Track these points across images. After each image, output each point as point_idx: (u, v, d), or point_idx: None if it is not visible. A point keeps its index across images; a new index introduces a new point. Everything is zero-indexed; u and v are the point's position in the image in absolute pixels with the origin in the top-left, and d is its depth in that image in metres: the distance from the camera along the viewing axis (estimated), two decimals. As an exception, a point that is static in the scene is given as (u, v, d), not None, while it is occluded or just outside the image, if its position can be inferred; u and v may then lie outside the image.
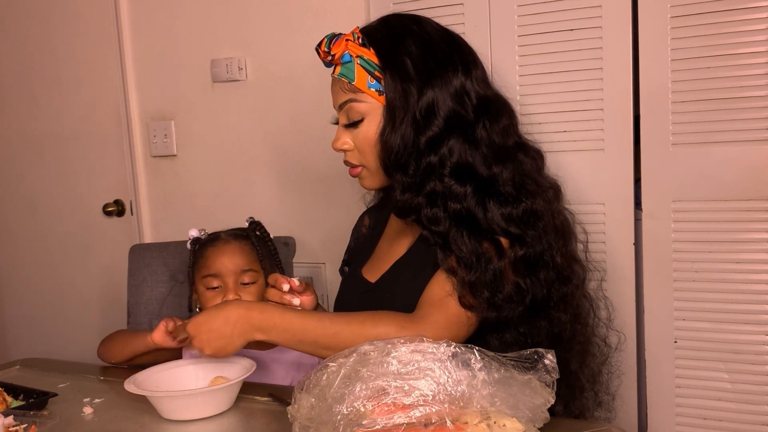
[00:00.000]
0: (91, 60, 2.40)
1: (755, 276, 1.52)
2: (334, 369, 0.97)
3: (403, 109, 1.28)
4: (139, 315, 1.86)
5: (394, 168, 1.30)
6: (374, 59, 1.29)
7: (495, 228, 1.26)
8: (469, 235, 1.25)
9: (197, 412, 1.21)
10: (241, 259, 1.51)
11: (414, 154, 1.28)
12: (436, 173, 1.28)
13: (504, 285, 1.24)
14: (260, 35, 2.11)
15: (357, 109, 1.30)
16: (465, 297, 1.24)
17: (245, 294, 1.49)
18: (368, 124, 1.30)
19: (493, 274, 1.24)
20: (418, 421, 0.91)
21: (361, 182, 1.38)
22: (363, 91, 1.29)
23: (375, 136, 1.30)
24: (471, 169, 1.29)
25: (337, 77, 1.32)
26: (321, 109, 2.04)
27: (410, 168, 1.29)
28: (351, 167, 1.36)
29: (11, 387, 1.35)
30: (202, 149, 2.27)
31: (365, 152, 1.32)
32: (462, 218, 1.26)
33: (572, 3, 1.61)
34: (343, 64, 1.30)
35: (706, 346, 1.58)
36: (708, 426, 1.59)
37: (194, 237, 1.57)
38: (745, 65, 1.48)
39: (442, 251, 1.27)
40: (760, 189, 1.50)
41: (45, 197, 2.59)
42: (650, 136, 1.58)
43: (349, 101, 1.30)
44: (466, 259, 1.24)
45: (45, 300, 2.65)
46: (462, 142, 1.29)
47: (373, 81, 1.28)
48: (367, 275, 1.41)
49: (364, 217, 1.59)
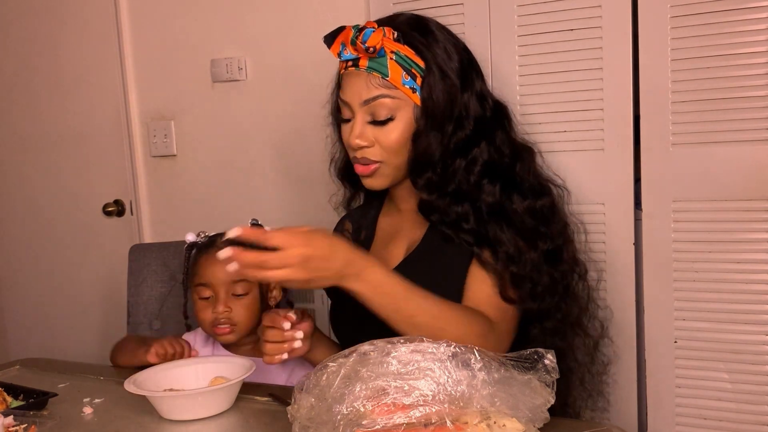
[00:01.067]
0: (91, 60, 2.40)
1: (755, 276, 1.52)
2: (334, 369, 0.97)
3: (447, 111, 1.28)
4: (139, 315, 1.86)
5: (423, 168, 1.30)
6: (412, 56, 1.27)
7: (525, 222, 1.30)
8: (508, 228, 1.28)
9: (197, 413, 1.21)
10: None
11: (448, 155, 1.30)
12: (467, 173, 1.31)
13: (542, 276, 1.28)
14: (260, 35, 2.11)
15: (388, 106, 1.27)
16: (506, 290, 1.27)
17: (237, 306, 1.44)
18: (398, 122, 1.28)
19: (532, 266, 1.27)
20: (418, 421, 0.91)
21: (369, 181, 1.34)
22: (397, 87, 1.26)
23: (403, 135, 1.28)
24: (497, 168, 1.33)
25: (364, 71, 1.27)
26: (321, 109, 2.05)
27: (439, 168, 1.30)
28: (364, 164, 1.32)
29: (11, 387, 1.34)
30: (201, 149, 2.27)
31: (391, 150, 1.29)
32: (496, 213, 1.29)
33: (572, 3, 1.61)
34: (375, 59, 1.26)
35: (706, 346, 1.58)
36: (708, 426, 1.59)
37: (190, 242, 1.52)
38: (745, 65, 1.48)
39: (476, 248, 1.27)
40: (760, 189, 1.50)
41: (45, 197, 2.59)
42: (650, 136, 1.58)
43: (379, 97, 1.27)
44: (508, 252, 1.26)
45: (45, 300, 2.65)
46: (488, 143, 1.33)
47: (408, 78, 1.26)
48: None
49: (345, 222, 1.55)
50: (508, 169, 1.34)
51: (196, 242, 1.52)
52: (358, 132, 1.29)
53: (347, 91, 1.30)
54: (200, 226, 1.70)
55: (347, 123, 1.33)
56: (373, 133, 1.29)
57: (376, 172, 1.32)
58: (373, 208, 1.50)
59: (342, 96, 1.32)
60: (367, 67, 1.27)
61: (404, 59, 1.26)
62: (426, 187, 1.31)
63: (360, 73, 1.28)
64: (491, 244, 1.28)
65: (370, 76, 1.26)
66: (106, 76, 2.37)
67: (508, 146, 1.36)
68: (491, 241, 1.28)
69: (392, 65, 1.26)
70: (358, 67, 1.28)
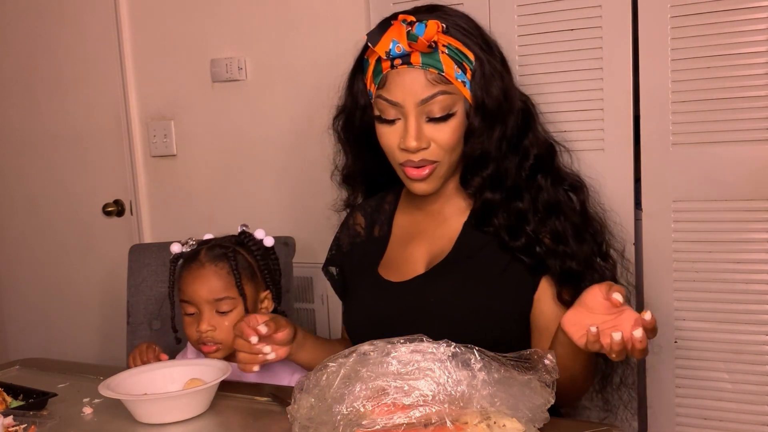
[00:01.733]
0: (91, 60, 2.40)
1: (755, 276, 1.52)
2: (334, 369, 0.97)
3: (501, 105, 1.25)
4: (139, 315, 1.86)
5: (481, 166, 1.27)
6: (462, 49, 1.22)
7: (575, 218, 1.31)
8: (565, 221, 1.28)
9: (172, 416, 1.19)
10: (217, 285, 1.39)
11: (503, 150, 1.28)
12: (520, 168, 1.30)
13: (594, 273, 1.28)
14: (260, 35, 2.11)
15: (446, 102, 1.21)
16: (562, 293, 1.26)
17: (222, 323, 1.39)
18: (457, 118, 1.23)
19: (586, 263, 1.28)
20: (417, 421, 0.91)
21: (422, 185, 1.27)
22: (452, 81, 1.21)
23: (460, 131, 1.24)
24: (544, 162, 1.32)
25: (418, 68, 1.20)
26: (321, 109, 2.04)
27: (494, 165, 1.28)
28: (419, 166, 1.25)
29: (11, 387, 1.34)
30: (201, 149, 2.27)
31: (448, 148, 1.24)
32: (553, 209, 1.29)
33: (572, 3, 1.61)
34: (429, 54, 1.20)
35: (706, 346, 1.57)
36: (708, 426, 1.59)
37: (175, 253, 1.46)
38: (745, 65, 1.48)
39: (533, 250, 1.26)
40: (760, 189, 1.50)
41: (45, 197, 2.59)
42: (650, 136, 1.58)
43: (439, 93, 1.21)
44: (566, 251, 1.26)
45: (45, 300, 2.65)
46: (534, 135, 1.33)
47: (459, 71, 1.21)
48: (390, 278, 1.34)
49: (356, 215, 1.49)
50: (550, 163, 1.34)
51: (181, 253, 1.47)
52: (415, 133, 1.22)
53: (397, 91, 1.22)
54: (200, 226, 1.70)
55: (390, 125, 1.25)
56: (429, 133, 1.23)
57: (432, 174, 1.26)
58: (387, 203, 1.45)
59: (389, 96, 1.23)
60: (421, 64, 1.20)
61: (455, 52, 1.21)
62: (486, 187, 1.28)
63: (413, 70, 1.20)
64: (554, 246, 1.26)
65: (427, 72, 1.20)
66: (106, 76, 2.37)
67: (543, 140, 1.36)
68: (552, 240, 1.27)
69: (445, 59, 1.20)
70: (411, 64, 1.20)
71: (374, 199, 1.48)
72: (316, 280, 2.08)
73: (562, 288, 1.26)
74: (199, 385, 1.23)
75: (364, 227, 1.46)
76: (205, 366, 1.32)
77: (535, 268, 1.27)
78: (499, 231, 1.28)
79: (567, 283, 1.26)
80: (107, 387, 1.22)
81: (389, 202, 1.45)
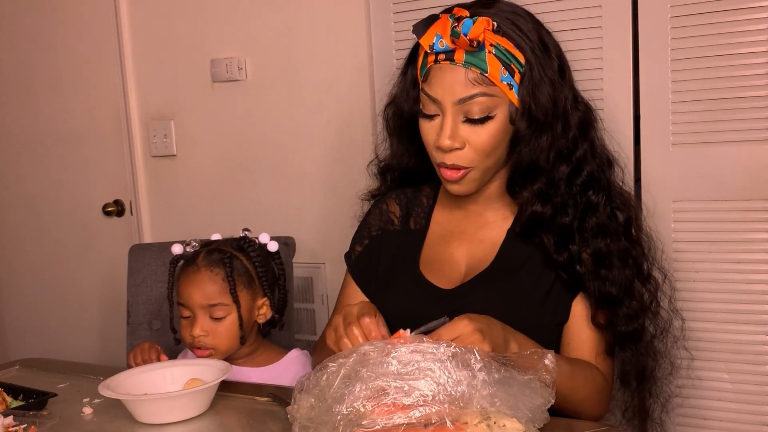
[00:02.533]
0: (91, 60, 2.40)
1: (755, 276, 1.52)
2: (334, 369, 0.97)
3: (551, 112, 1.20)
4: (139, 315, 1.86)
5: (530, 177, 1.23)
6: (512, 50, 1.17)
7: (621, 239, 1.26)
8: (610, 243, 1.24)
9: (172, 416, 1.20)
10: (211, 291, 1.39)
11: (553, 162, 1.23)
12: (570, 183, 1.24)
13: (633, 296, 1.25)
14: (260, 35, 2.11)
15: (486, 104, 1.17)
16: (597, 316, 1.24)
17: (216, 329, 1.39)
18: (496, 122, 1.18)
19: (625, 286, 1.24)
20: (417, 421, 0.91)
21: (458, 187, 1.24)
22: (495, 83, 1.16)
23: (499, 136, 1.19)
24: (598, 177, 1.26)
25: (460, 66, 1.16)
26: (321, 109, 2.05)
27: (544, 177, 1.23)
28: (452, 169, 1.21)
29: (11, 387, 1.34)
30: (201, 149, 2.27)
31: (483, 152, 1.19)
32: (602, 231, 1.24)
33: (572, 3, 1.61)
34: (474, 52, 1.15)
35: (706, 346, 1.57)
36: (708, 426, 1.59)
37: (176, 255, 1.46)
38: (745, 65, 1.48)
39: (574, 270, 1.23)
40: (760, 189, 1.50)
41: (45, 197, 2.58)
42: (650, 136, 1.58)
43: (478, 95, 1.16)
44: (608, 276, 1.22)
45: (45, 300, 2.65)
46: (589, 147, 1.26)
47: (506, 74, 1.16)
48: (432, 279, 1.31)
49: (389, 202, 1.42)
50: (604, 178, 1.28)
51: (182, 255, 1.47)
52: (450, 132, 1.18)
53: (437, 87, 1.18)
54: (200, 226, 1.70)
55: (430, 120, 1.22)
56: (465, 134, 1.19)
57: (465, 177, 1.22)
58: (425, 196, 1.40)
59: (429, 91, 1.20)
60: (464, 62, 1.15)
61: (504, 53, 1.16)
62: (537, 199, 1.23)
63: (455, 68, 1.16)
64: (595, 268, 1.23)
65: (468, 71, 1.15)
66: (105, 75, 2.37)
67: (600, 152, 1.29)
68: (595, 263, 1.23)
69: (491, 59, 1.15)
70: (454, 61, 1.16)
71: (410, 190, 1.42)
72: (316, 280, 2.08)
73: (598, 311, 1.24)
74: (199, 385, 1.23)
75: (399, 217, 1.41)
76: (205, 366, 1.32)
77: (572, 286, 1.25)
78: (543, 244, 1.25)
79: (603, 307, 1.24)
80: (107, 387, 1.22)
81: (427, 196, 1.40)
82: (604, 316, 1.25)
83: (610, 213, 1.27)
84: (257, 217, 2.15)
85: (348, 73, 1.98)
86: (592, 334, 1.25)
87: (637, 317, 1.26)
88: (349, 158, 1.98)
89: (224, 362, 1.31)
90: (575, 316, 1.25)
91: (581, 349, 1.25)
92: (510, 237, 1.30)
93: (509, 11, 1.21)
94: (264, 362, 1.49)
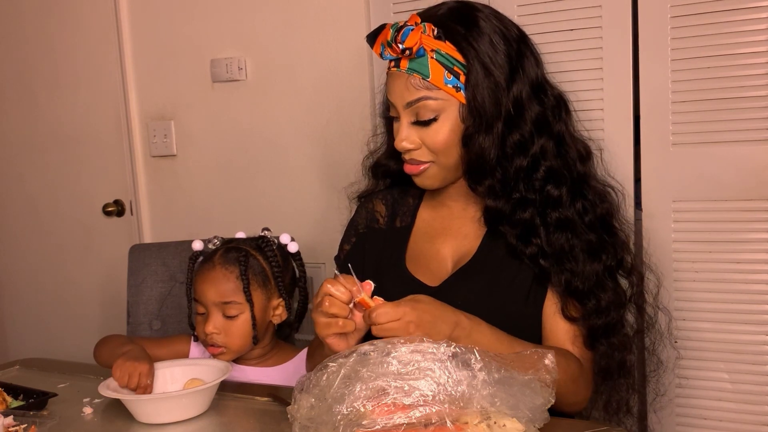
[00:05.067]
0: (91, 60, 2.40)
1: (755, 276, 1.52)
2: (334, 369, 0.97)
3: (494, 109, 1.23)
4: (139, 315, 1.86)
5: (481, 173, 1.25)
6: (454, 54, 1.21)
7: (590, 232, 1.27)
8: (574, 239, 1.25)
9: (172, 416, 1.20)
10: (225, 289, 1.40)
11: (505, 157, 1.25)
12: (529, 177, 1.26)
13: (606, 290, 1.26)
14: (260, 35, 2.11)
15: (430, 107, 1.22)
16: (568, 308, 1.24)
17: (229, 328, 1.39)
18: (442, 123, 1.23)
19: (596, 279, 1.25)
20: (418, 421, 0.91)
21: (421, 180, 1.30)
22: (439, 87, 1.21)
23: (450, 135, 1.23)
24: (561, 170, 1.28)
25: (404, 72, 1.22)
26: (321, 109, 2.05)
27: (499, 172, 1.25)
28: (412, 164, 1.28)
29: (11, 387, 1.35)
30: (201, 149, 2.27)
31: (438, 151, 1.25)
32: (563, 222, 1.26)
33: (572, 3, 1.61)
34: (415, 59, 1.21)
35: (706, 346, 1.57)
36: (708, 426, 1.59)
37: (195, 252, 1.47)
38: (745, 65, 1.48)
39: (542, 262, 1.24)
40: (760, 189, 1.50)
41: (45, 197, 2.58)
42: (650, 136, 1.58)
43: (421, 99, 1.22)
44: (573, 269, 1.23)
45: (45, 300, 2.65)
46: (549, 141, 1.28)
47: (451, 77, 1.21)
48: (419, 276, 1.32)
49: (374, 202, 1.46)
50: (571, 170, 1.29)
51: (201, 252, 1.47)
52: (404, 135, 1.25)
53: (391, 91, 1.26)
54: (200, 226, 1.69)
55: (395, 122, 1.29)
56: (419, 135, 1.25)
57: (425, 172, 1.28)
58: (411, 196, 1.43)
59: (388, 96, 1.28)
60: (407, 68, 1.22)
61: (445, 57, 1.21)
62: (489, 194, 1.27)
63: (401, 74, 1.23)
64: (558, 262, 1.24)
65: (411, 77, 1.22)
66: (105, 76, 2.37)
67: (569, 144, 1.31)
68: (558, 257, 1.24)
69: (433, 65, 1.20)
70: (399, 67, 1.23)
71: (396, 191, 1.45)
72: (316, 280, 2.08)
73: (567, 303, 1.25)
74: (199, 385, 1.23)
75: (384, 216, 1.44)
76: (205, 366, 1.32)
77: (540, 278, 1.26)
78: (508, 238, 1.27)
79: (571, 299, 1.25)
80: (107, 387, 1.22)
81: (413, 195, 1.43)
82: (575, 309, 1.26)
83: (581, 207, 1.28)
84: (257, 217, 2.15)
85: (348, 73, 1.99)
86: (566, 325, 1.26)
87: (608, 310, 1.26)
88: (349, 158, 1.98)
89: (224, 362, 1.31)
90: (548, 307, 1.27)
91: (557, 337, 1.26)
92: (491, 230, 1.32)
93: (457, 14, 1.25)
94: (275, 362, 1.49)
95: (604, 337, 1.27)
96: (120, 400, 1.21)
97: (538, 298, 1.28)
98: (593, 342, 1.27)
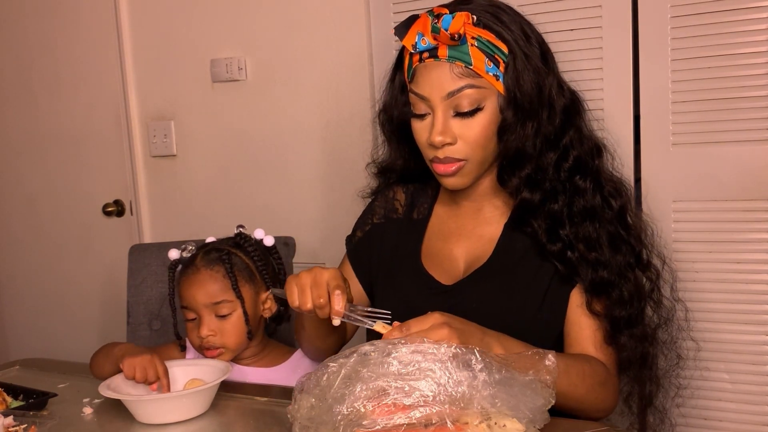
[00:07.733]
0: (91, 60, 2.40)
1: (755, 276, 1.52)
2: (335, 369, 0.97)
3: (536, 99, 1.22)
4: (139, 315, 1.86)
5: (519, 164, 1.24)
6: (495, 41, 1.18)
7: (612, 224, 1.27)
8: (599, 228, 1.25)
9: (172, 416, 1.20)
10: (213, 289, 1.39)
11: (540, 148, 1.24)
12: (558, 168, 1.26)
13: (628, 281, 1.25)
14: (260, 35, 2.11)
15: (474, 96, 1.18)
16: (593, 303, 1.24)
17: (223, 327, 1.38)
18: (486, 114, 1.19)
19: (618, 271, 1.24)
20: (418, 421, 0.91)
21: (454, 181, 1.25)
22: (481, 75, 1.18)
23: (490, 127, 1.20)
24: (585, 163, 1.28)
25: (445, 61, 1.18)
26: (321, 109, 2.05)
27: (531, 163, 1.24)
28: (446, 163, 1.22)
29: (11, 387, 1.35)
30: (201, 149, 2.27)
31: (476, 144, 1.21)
32: (589, 214, 1.25)
33: (572, 3, 1.61)
34: (456, 47, 1.17)
35: (706, 346, 1.57)
36: (708, 426, 1.59)
37: (173, 261, 1.46)
38: (745, 65, 1.48)
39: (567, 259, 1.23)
40: (760, 189, 1.50)
41: (45, 197, 2.58)
42: (650, 136, 1.58)
43: (464, 87, 1.17)
44: (599, 259, 1.23)
45: (45, 300, 2.65)
46: (575, 135, 1.28)
47: (491, 65, 1.18)
48: (433, 273, 1.31)
49: (396, 190, 1.43)
50: (592, 164, 1.30)
51: (179, 259, 1.46)
52: (441, 128, 1.19)
53: (424, 84, 1.20)
54: (200, 226, 1.69)
55: (421, 119, 1.24)
56: (456, 128, 1.20)
57: (460, 171, 1.23)
58: (431, 188, 1.41)
59: (417, 90, 1.21)
60: (448, 57, 1.17)
61: (486, 45, 1.18)
62: (526, 185, 1.25)
63: (440, 64, 1.18)
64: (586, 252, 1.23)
65: (453, 65, 1.17)
66: (106, 76, 2.37)
67: (588, 138, 1.31)
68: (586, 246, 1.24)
69: (474, 52, 1.17)
70: (438, 57, 1.18)
71: (418, 183, 1.43)
72: (316, 280, 2.08)
73: (593, 298, 1.24)
74: (199, 385, 1.23)
75: (404, 205, 1.42)
76: (205, 366, 1.32)
77: (567, 277, 1.25)
78: (537, 233, 1.26)
79: (598, 293, 1.24)
80: (107, 387, 1.22)
81: (433, 188, 1.41)
82: (600, 303, 1.25)
83: (601, 199, 1.28)
84: (257, 217, 2.15)
85: (348, 73, 1.99)
86: (591, 322, 1.24)
87: (631, 302, 1.26)
88: (349, 158, 1.98)
89: (224, 362, 1.31)
90: (573, 306, 1.26)
91: (581, 338, 1.25)
92: (507, 232, 1.31)
93: (488, 5, 1.24)
94: (272, 362, 1.48)
95: (627, 328, 1.26)
96: (120, 400, 1.21)
97: (555, 302, 1.26)
98: (616, 335, 1.26)
